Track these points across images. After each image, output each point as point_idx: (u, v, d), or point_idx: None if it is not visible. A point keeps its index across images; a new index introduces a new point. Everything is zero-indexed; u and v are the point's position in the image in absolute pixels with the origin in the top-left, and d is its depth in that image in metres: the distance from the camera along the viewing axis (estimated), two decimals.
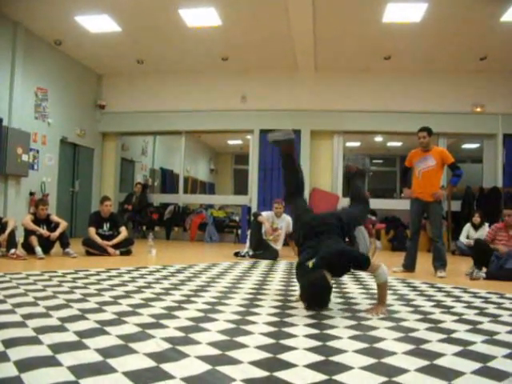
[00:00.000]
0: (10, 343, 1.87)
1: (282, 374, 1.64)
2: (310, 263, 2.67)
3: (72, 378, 1.53)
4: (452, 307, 3.00)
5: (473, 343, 2.11)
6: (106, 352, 1.81)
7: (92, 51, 8.64)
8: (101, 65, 9.48)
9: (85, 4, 6.70)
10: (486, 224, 7.07)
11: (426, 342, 2.12)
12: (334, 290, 3.56)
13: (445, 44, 7.72)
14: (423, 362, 1.81)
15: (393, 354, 1.92)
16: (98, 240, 5.83)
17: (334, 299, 3.17)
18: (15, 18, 7.19)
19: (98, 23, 7.33)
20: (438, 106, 8.85)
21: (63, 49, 8.48)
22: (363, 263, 2.74)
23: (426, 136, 4.95)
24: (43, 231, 5.57)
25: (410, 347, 2.02)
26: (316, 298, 2.71)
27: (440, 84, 8.94)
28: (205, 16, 7.00)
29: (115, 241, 5.93)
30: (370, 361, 1.82)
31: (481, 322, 2.57)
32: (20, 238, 5.64)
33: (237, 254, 6.20)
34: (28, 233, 5.47)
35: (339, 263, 2.74)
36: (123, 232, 6.09)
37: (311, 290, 2.69)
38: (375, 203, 9.16)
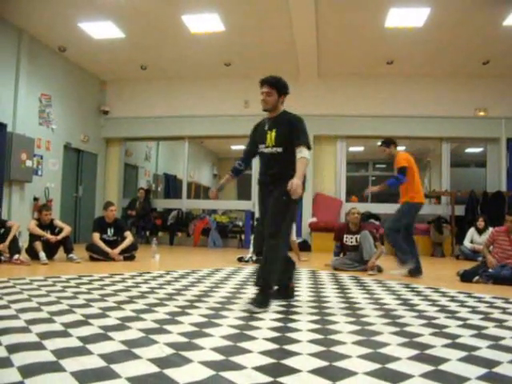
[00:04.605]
0: (14, 348, 1.87)
1: (286, 380, 1.63)
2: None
3: (76, 383, 1.53)
4: (457, 312, 2.99)
5: (478, 348, 2.10)
6: (110, 357, 1.81)
7: (96, 57, 8.69)
8: (104, 71, 9.53)
9: (88, 11, 6.75)
10: (490, 228, 7.02)
11: (430, 347, 2.10)
12: (337, 295, 3.56)
13: (447, 48, 7.73)
14: (428, 368, 1.80)
15: (397, 359, 1.91)
16: (102, 245, 5.83)
17: (338, 304, 3.16)
18: (20, 25, 7.25)
19: (102, 29, 7.39)
20: (441, 111, 8.85)
21: (67, 55, 8.54)
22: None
23: (384, 150, 5.08)
24: (49, 236, 5.58)
25: (414, 352, 2.00)
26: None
27: (443, 88, 8.95)
28: (208, 22, 7.04)
29: (121, 247, 5.91)
30: (374, 366, 1.81)
31: (486, 327, 2.55)
32: (24, 243, 5.65)
33: (240, 259, 6.19)
34: (33, 238, 5.49)
35: None
36: (129, 237, 6.08)
37: None
38: (379, 208, 9.19)
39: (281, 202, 3.00)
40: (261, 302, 2.87)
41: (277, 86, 3.25)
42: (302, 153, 3.01)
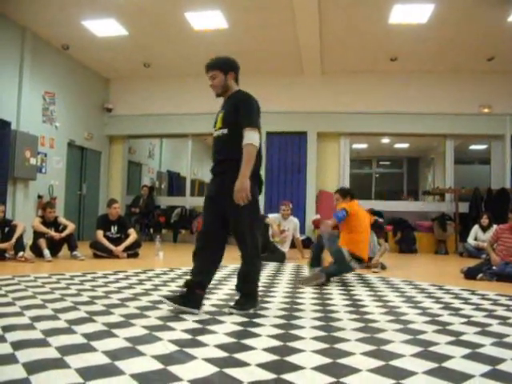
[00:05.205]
0: (19, 345, 1.88)
1: (289, 377, 1.64)
2: None
3: (80, 380, 1.54)
4: (460, 309, 2.98)
5: (481, 346, 2.10)
6: (114, 354, 1.82)
7: (99, 55, 8.70)
8: (108, 68, 9.53)
9: (92, 8, 6.75)
10: (494, 226, 7.00)
11: (434, 344, 2.10)
12: (341, 292, 3.56)
13: (451, 45, 7.68)
14: (431, 365, 1.80)
15: (401, 356, 1.91)
16: (106, 243, 5.85)
17: (342, 301, 3.16)
18: (23, 23, 7.26)
19: (105, 27, 7.39)
20: (445, 107, 8.81)
21: (70, 53, 8.55)
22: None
23: (337, 198, 4.67)
24: (54, 233, 5.61)
25: (417, 349, 2.01)
26: None
27: (447, 85, 8.90)
28: (211, 19, 7.03)
29: (125, 244, 5.92)
30: (378, 363, 1.81)
31: (489, 325, 2.54)
32: (28, 240, 5.67)
33: None
34: (37, 235, 5.52)
35: None
36: (132, 234, 6.09)
37: None
38: (382, 205, 9.16)
39: (241, 216, 2.70)
40: (243, 304, 2.74)
41: (218, 66, 2.92)
42: (247, 137, 2.69)
